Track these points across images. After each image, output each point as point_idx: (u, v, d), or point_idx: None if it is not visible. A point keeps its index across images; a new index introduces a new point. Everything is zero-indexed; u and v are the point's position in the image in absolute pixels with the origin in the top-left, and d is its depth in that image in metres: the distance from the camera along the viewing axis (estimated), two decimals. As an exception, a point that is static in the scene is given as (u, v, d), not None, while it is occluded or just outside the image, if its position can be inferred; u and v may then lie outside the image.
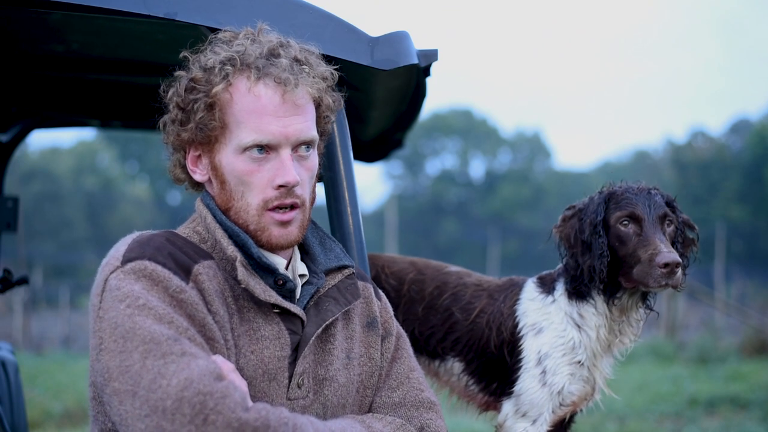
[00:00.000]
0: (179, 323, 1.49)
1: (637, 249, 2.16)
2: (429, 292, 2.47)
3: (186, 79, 1.68)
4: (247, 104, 1.64)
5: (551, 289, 2.34)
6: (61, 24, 2.14)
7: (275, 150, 1.65)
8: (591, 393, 2.34)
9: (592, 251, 2.21)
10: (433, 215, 40.11)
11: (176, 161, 1.76)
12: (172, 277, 1.54)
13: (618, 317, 2.28)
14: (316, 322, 1.72)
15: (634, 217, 2.19)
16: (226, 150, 1.66)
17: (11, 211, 3.41)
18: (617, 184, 2.32)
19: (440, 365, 2.47)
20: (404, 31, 2.04)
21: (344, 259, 1.83)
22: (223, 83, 1.64)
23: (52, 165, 37.75)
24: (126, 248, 1.59)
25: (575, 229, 2.27)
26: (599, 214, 2.23)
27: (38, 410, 7.31)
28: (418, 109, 2.69)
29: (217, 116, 1.64)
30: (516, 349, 2.31)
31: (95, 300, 1.56)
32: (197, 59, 1.69)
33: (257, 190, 1.66)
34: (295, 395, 1.68)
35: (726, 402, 8.09)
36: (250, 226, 1.68)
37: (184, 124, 1.68)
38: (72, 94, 3.11)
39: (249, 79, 1.64)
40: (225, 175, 1.67)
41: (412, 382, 1.86)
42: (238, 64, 1.64)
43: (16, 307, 14.08)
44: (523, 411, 2.28)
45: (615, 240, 2.21)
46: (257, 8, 1.90)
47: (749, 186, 34.39)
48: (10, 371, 3.32)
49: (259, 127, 1.63)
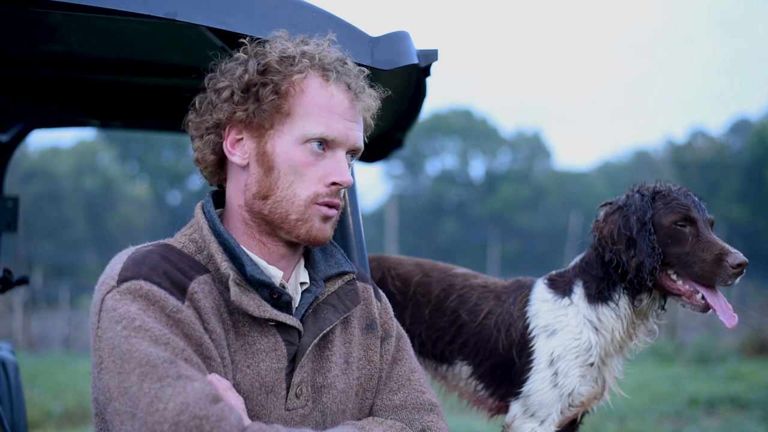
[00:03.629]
0: (175, 344, 1.49)
1: (698, 249, 2.18)
2: (435, 294, 2.45)
3: (256, 61, 1.69)
4: (319, 99, 1.68)
5: (567, 291, 2.32)
6: (61, 24, 2.14)
7: (332, 149, 1.70)
8: (601, 393, 2.34)
9: (639, 248, 2.20)
10: (433, 215, 40.11)
11: (209, 142, 1.75)
12: (168, 297, 1.54)
13: (636, 319, 2.29)
14: (314, 331, 1.71)
15: (689, 218, 2.21)
16: (285, 138, 1.67)
17: (11, 211, 3.41)
18: (654, 183, 2.32)
19: (448, 369, 2.45)
20: (404, 31, 2.04)
21: (345, 265, 1.82)
22: (302, 74, 1.68)
23: (52, 165, 37.75)
24: (121, 267, 1.58)
25: (618, 225, 2.25)
26: (648, 212, 2.23)
27: (38, 410, 7.31)
28: (418, 109, 2.69)
29: (287, 103, 1.67)
30: (526, 350, 2.30)
31: (93, 318, 1.56)
32: (267, 47, 1.71)
33: (308, 183, 1.68)
34: (293, 405, 1.67)
35: (726, 402, 8.09)
36: (291, 216, 1.68)
37: (242, 104, 1.68)
38: (72, 94, 3.11)
39: (324, 77, 1.69)
40: (276, 162, 1.68)
41: (413, 384, 1.85)
42: (317, 61, 1.69)
43: (16, 307, 14.07)
44: (531, 411, 2.27)
45: (667, 239, 2.21)
46: (257, 8, 1.90)
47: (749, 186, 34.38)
48: (10, 371, 3.32)
49: (328, 122, 1.68)
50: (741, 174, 35.52)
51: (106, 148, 41.21)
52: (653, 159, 44.43)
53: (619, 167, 46.92)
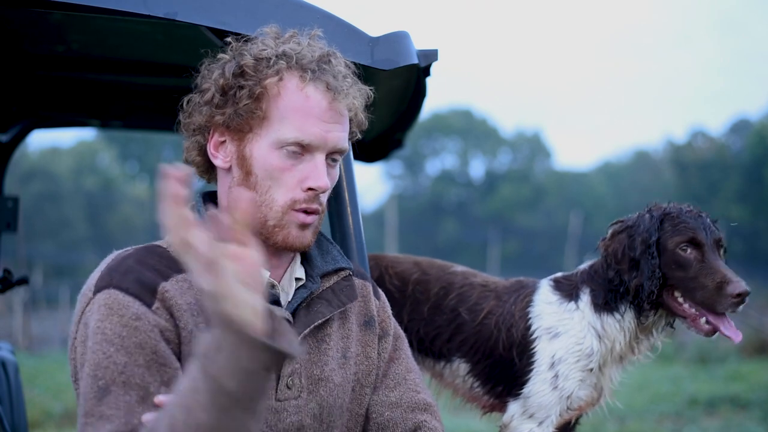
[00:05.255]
0: (115, 367, 1.49)
1: (700, 276, 2.16)
2: (434, 292, 2.45)
3: (234, 63, 1.67)
4: (294, 102, 1.64)
5: (574, 296, 2.31)
6: (61, 24, 2.14)
7: (310, 152, 1.66)
8: (597, 399, 2.34)
9: (641, 270, 2.19)
10: (433, 215, 40.11)
11: (195, 143, 1.74)
12: (132, 304, 1.54)
13: (640, 334, 2.29)
14: (305, 323, 1.71)
15: (694, 242, 2.19)
16: (261, 142, 1.66)
17: (11, 211, 3.41)
18: (668, 204, 2.29)
19: (445, 366, 2.45)
20: (404, 31, 2.04)
21: (341, 261, 1.82)
22: (276, 77, 1.64)
23: (52, 165, 37.74)
24: (99, 276, 1.61)
25: (624, 245, 2.23)
26: (653, 234, 2.21)
27: (38, 410, 7.31)
28: (418, 109, 2.69)
29: (262, 107, 1.64)
30: (527, 351, 2.30)
31: (72, 328, 1.60)
32: (246, 47, 1.69)
33: (285, 188, 1.66)
34: (285, 396, 1.68)
35: (726, 402, 8.09)
36: (269, 222, 1.67)
37: (221, 107, 1.67)
38: (72, 94, 3.11)
39: (301, 78, 1.65)
40: (253, 166, 1.66)
41: (408, 383, 1.86)
42: (293, 61, 1.66)
43: (16, 307, 14.06)
44: (530, 412, 2.27)
45: (671, 263, 2.20)
46: (257, 8, 1.90)
47: (749, 186, 34.37)
48: (10, 371, 3.32)
49: (303, 126, 1.64)
50: (741, 174, 35.51)
51: (106, 148, 41.20)
52: (653, 159, 44.41)
53: (619, 167, 46.90)
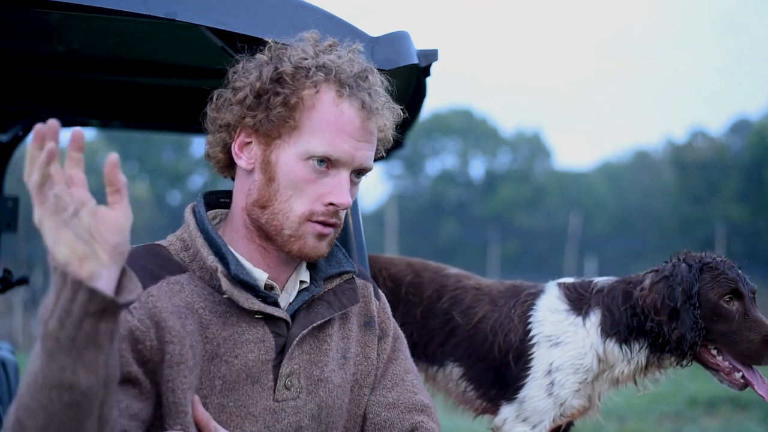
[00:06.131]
0: None
1: (743, 329, 2.17)
2: (427, 295, 2.44)
3: (272, 68, 1.66)
4: (329, 116, 1.64)
5: (583, 313, 2.29)
6: (61, 24, 2.14)
7: (336, 168, 1.66)
8: (590, 408, 2.34)
9: (681, 320, 2.17)
10: (433, 215, 40.10)
11: (220, 140, 1.73)
12: None
13: (648, 370, 2.28)
14: (304, 323, 1.72)
15: (737, 293, 2.19)
16: (289, 150, 1.65)
17: (11, 211, 3.42)
18: (701, 254, 2.27)
19: (438, 370, 2.44)
20: (404, 31, 2.04)
21: (345, 264, 1.82)
22: (314, 89, 1.64)
23: (52, 165, 37.68)
24: None
25: (663, 294, 2.20)
26: (694, 285, 2.19)
27: (38, 410, 7.30)
28: (418, 109, 2.69)
29: (295, 116, 1.64)
30: (524, 356, 2.29)
31: None
32: (286, 53, 1.68)
33: (306, 200, 1.65)
34: (283, 396, 1.68)
35: (726, 402, 8.08)
36: (285, 230, 1.67)
37: (253, 110, 1.66)
38: (72, 94, 3.11)
39: (338, 93, 1.64)
40: (277, 173, 1.66)
41: (406, 384, 1.86)
42: (332, 75, 1.65)
43: (16, 307, 14.06)
44: (524, 416, 2.27)
45: (713, 315, 2.19)
46: (258, 8, 1.90)
47: (749, 186, 34.35)
48: (10, 371, 3.32)
49: (334, 141, 1.63)
50: (741, 174, 35.50)
51: (106, 148, 41.18)
52: (653, 159, 44.38)
53: (619, 167, 46.86)
